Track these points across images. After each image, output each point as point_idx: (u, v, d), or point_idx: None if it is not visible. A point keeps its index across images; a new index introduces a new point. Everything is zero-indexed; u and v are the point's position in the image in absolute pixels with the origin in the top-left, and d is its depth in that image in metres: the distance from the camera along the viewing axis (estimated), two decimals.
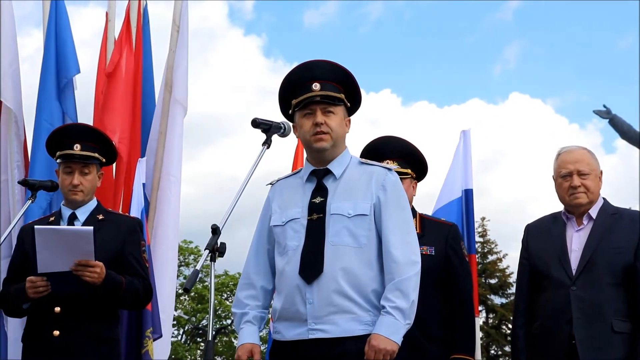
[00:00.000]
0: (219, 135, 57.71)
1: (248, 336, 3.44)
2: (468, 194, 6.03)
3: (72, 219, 4.20)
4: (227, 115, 55.88)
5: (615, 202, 4.24)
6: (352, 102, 3.58)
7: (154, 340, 5.27)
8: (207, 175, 52.76)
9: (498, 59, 62.75)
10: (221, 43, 60.47)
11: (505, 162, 55.66)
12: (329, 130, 3.43)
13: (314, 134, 3.44)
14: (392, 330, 3.23)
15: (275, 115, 3.63)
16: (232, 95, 57.10)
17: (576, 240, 4.07)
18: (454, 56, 59.18)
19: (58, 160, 4.25)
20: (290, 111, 3.57)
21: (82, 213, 4.22)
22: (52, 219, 4.25)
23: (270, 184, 3.69)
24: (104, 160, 4.32)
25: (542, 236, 4.19)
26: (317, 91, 3.45)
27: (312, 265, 3.32)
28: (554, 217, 4.23)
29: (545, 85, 60.46)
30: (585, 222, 4.11)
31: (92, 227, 3.87)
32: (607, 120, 10.09)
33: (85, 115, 6.24)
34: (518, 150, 54.38)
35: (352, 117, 3.63)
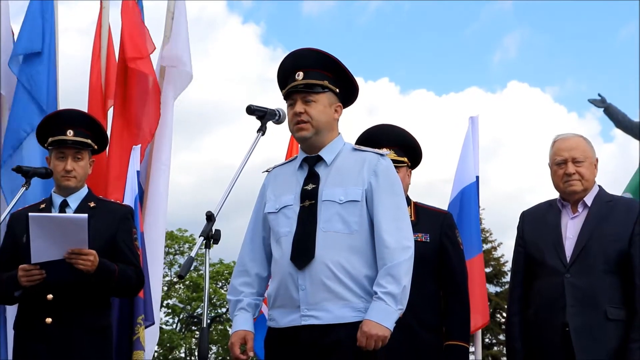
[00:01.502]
0: (217, 124, 57.71)
1: (241, 323, 3.45)
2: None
3: (64, 206, 4.18)
4: (226, 104, 55.90)
5: (613, 191, 4.24)
6: (346, 88, 3.56)
7: (146, 327, 5.27)
8: (205, 164, 52.78)
9: (497, 47, 62.88)
10: (219, 31, 60.36)
11: (503, 151, 55.73)
12: (308, 119, 3.44)
13: (295, 123, 3.46)
14: (384, 315, 3.23)
15: (273, 103, 3.64)
16: (230, 83, 57.06)
17: (571, 228, 4.07)
18: (453, 45, 59.30)
19: (49, 147, 4.23)
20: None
21: (74, 200, 4.21)
22: (42, 206, 4.23)
23: (267, 171, 3.69)
24: (95, 147, 4.31)
25: (537, 223, 4.19)
26: (299, 80, 3.46)
27: (303, 251, 3.33)
28: (549, 205, 4.23)
29: (545, 74, 60.63)
30: (580, 209, 4.11)
31: (86, 215, 3.86)
32: (602, 109, 10.12)
33: (83, 101, 6.24)
34: (516, 139, 54.51)
35: (349, 106, 3.62)
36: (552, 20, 58.91)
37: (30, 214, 3.84)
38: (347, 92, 3.59)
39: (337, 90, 3.52)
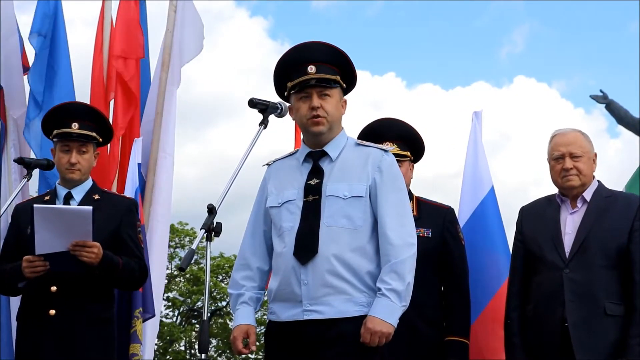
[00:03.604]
0: (223, 117, 57.54)
1: (243, 317, 3.46)
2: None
3: (68, 198, 4.20)
4: (233, 97, 55.60)
5: (618, 187, 4.23)
6: (348, 83, 3.57)
7: (146, 320, 5.27)
8: (211, 157, 52.66)
9: (505, 42, 62.64)
10: (227, 24, 60.16)
11: (510, 146, 55.55)
12: (325, 114, 3.43)
13: (310, 117, 3.44)
14: (388, 312, 3.24)
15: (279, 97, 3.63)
16: (237, 76, 56.90)
17: (570, 223, 4.08)
18: (460, 40, 59.07)
19: (55, 139, 4.24)
20: (285, 93, 3.57)
21: (78, 192, 4.22)
22: (47, 198, 4.24)
23: (267, 164, 3.69)
24: (100, 139, 4.32)
25: (537, 219, 4.19)
26: (312, 74, 3.44)
27: (306, 246, 3.33)
28: (548, 200, 4.23)
29: (552, 69, 60.42)
30: (579, 204, 4.11)
31: (91, 207, 3.87)
32: (604, 105, 10.13)
33: (86, 93, 6.27)
34: (522, 134, 54.34)
35: (355, 101, 3.64)
36: (562, 14, 58.70)
37: (35, 205, 3.84)
38: (347, 87, 3.59)
39: (345, 86, 3.53)
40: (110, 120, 5.97)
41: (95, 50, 6.35)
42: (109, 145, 5.68)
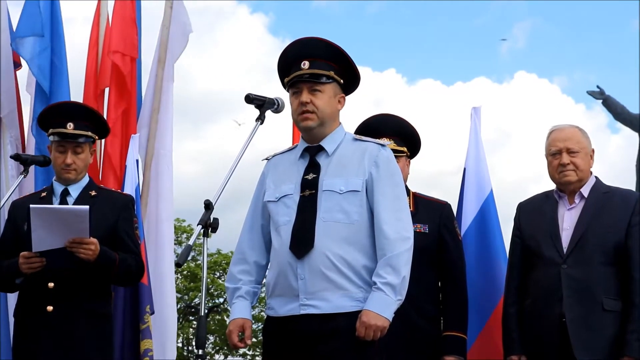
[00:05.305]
0: (224, 114, 57.43)
1: (240, 311, 3.46)
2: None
3: (65, 195, 4.20)
4: (233, 94, 55.51)
5: (619, 183, 4.24)
6: (349, 79, 3.56)
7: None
8: (210, 154, 52.58)
9: (506, 37, 62.47)
10: (228, 21, 60.03)
11: (510, 142, 55.42)
12: (314, 109, 3.43)
13: (300, 113, 3.45)
14: (383, 306, 3.24)
15: (280, 93, 3.64)
16: (238, 73, 56.76)
17: (568, 219, 4.09)
18: (461, 36, 58.81)
19: (51, 137, 4.24)
20: (286, 88, 3.58)
21: (75, 189, 4.22)
22: (43, 194, 4.24)
23: (266, 159, 3.69)
24: (96, 137, 4.32)
25: (534, 214, 4.20)
26: (305, 70, 3.45)
27: (302, 240, 3.33)
28: (546, 196, 4.25)
29: (553, 65, 60.17)
30: (577, 200, 4.12)
31: (88, 207, 3.87)
32: (601, 101, 10.18)
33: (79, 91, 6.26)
34: (523, 130, 54.21)
35: (355, 98, 3.64)
36: (564, 10, 58.45)
37: (31, 205, 3.84)
38: (350, 82, 3.59)
39: (342, 81, 3.52)
40: (105, 114, 6.00)
41: (90, 47, 6.35)
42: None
